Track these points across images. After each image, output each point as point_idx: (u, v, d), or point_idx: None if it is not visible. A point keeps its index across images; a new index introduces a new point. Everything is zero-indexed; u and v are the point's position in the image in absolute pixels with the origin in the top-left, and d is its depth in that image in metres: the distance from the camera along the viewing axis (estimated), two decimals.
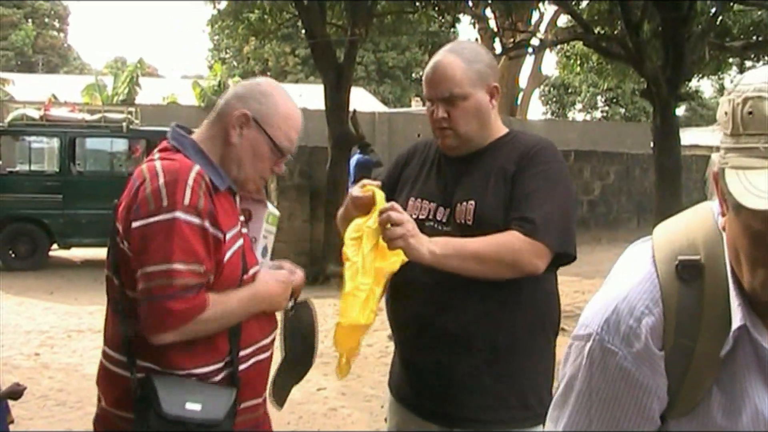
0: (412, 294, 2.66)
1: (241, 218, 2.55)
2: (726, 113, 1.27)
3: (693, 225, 1.42)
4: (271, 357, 2.62)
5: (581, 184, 17.80)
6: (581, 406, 1.43)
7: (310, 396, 7.03)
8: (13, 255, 14.31)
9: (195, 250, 2.26)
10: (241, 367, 2.45)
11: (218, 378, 2.41)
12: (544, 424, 2.60)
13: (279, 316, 2.69)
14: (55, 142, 15.00)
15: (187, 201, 2.26)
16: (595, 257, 11.65)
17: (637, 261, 1.43)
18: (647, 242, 1.46)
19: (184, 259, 2.24)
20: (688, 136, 25.09)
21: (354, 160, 15.11)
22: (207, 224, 2.29)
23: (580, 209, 17.53)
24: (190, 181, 2.29)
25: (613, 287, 1.43)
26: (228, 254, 2.38)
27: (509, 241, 2.49)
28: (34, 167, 15.71)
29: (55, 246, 14.71)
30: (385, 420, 3.01)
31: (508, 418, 2.62)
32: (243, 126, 2.46)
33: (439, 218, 2.69)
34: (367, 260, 2.54)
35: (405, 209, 2.68)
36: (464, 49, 2.71)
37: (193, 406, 2.30)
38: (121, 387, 2.40)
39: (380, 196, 2.68)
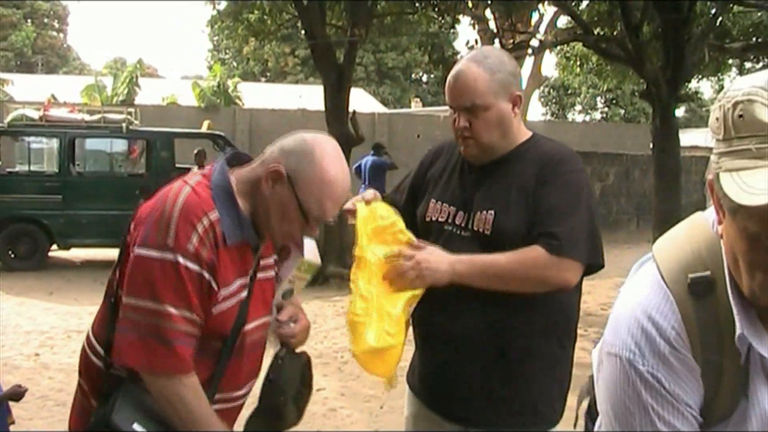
0: (436, 302, 2.66)
1: (250, 273, 2.43)
2: (717, 119, 1.30)
3: (694, 239, 1.45)
4: (241, 407, 2.54)
5: None
6: (647, 423, 1.44)
7: None
8: (12, 255, 14.30)
9: (189, 298, 2.20)
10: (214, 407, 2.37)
11: None
12: (554, 426, 2.67)
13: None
14: (54, 143, 15.00)
15: (191, 248, 2.19)
16: None
17: (648, 283, 1.45)
18: (651, 262, 1.48)
19: (175, 304, 2.18)
20: (688, 138, 25.12)
21: (368, 161, 15.12)
22: (205, 273, 2.22)
23: None
24: (200, 227, 2.21)
25: (634, 311, 1.45)
26: (219, 307, 2.30)
27: (535, 258, 2.52)
28: (33, 168, 15.73)
29: (54, 246, 14.70)
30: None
31: (517, 423, 2.65)
32: (276, 181, 2.32)
33: (458, 222, 2.72)
34: (366, 288, 2.61)
35: (426, 210, 2.78)
36: (487, 58, 2.69)
37: (139, 428, 2.24)
38: (97, 377, 2.38)
39: (383, 209, 2.74)
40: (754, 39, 16.84)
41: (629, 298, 1.47)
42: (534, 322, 2.64)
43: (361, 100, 31.20)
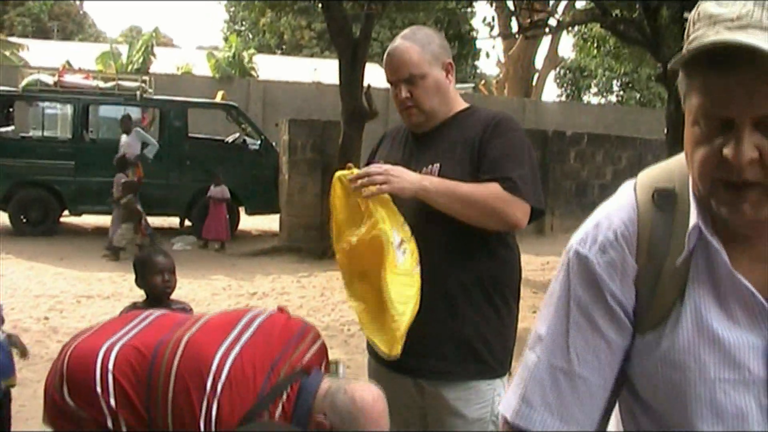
0: None
1: None
2: (685, 30, 1.39)
3: (672, 161, 1.52)
4: None
5: (593, 168, 17.72)
6: (560, 312, 1.50)
7: None
8: (24, 220, 14.36)
9: None
10: None
11: None
12: (502, 378, 2.85)
13: None
14: (68, 109, 15.04)
15: None
16: None
17: (621, 192, 1.54)
18: (633, 179, 1.56)
19: None
20: None
21: None
22: None
23: (592, 193, 17.49)
24: None
25: (597, 212, 1.53)
26: None
27: (495, 192, 2.72)
28: (47, 133, 15.77)
29: (66, 212, 14.76)
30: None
31: (464, 373, 2.85)
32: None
33: None
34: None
35: None
36: (416, 34, 2.98)
37: None
38: None
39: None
40: None
41: (604, 204, 1.55)
42: (476, 277, 2.83)
43: (377, 76, 31.01)
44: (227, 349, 2.56)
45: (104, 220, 14.13)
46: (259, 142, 15.17)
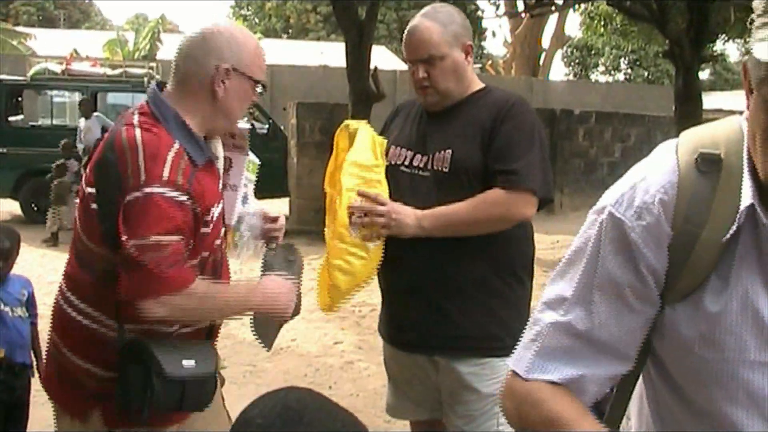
0: (391, 240, 2.89)
1: (221, 181, 2.61)
2: None
3: (718, 126, 1.46)
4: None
5: (602, 145, 17.69)
6: (587, 274, 1.45)
7: (327, 349, 7.13)
8: (35, 208, 14.40)
9: (176, 223, 2.28)
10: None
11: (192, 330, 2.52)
12: None
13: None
14: (76, 97, 15.07)
15: (166, 176, 2.27)
16: None
17: (661, 152, 1.47)
18: (674, 140, 1.49)
19: (167, 231, 2.26)
20: (712, 100, 24.89)
21: None
22: (185, 198, 2.30)
23: (601, 171, 17.47)
24: (169, 159, 2.29)
25: (634, 172, 1.47)
26: (210, 227, 2.44)
27: (494, 200, 2.76)
28: (56, 121, 15.82)
29: (77, 200, 14.78)
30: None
31: (480, 351, 2.89)
32: (225, 79, 2.43)
33: (416, 164, 2.94)
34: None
35: (387, 155, 3.01)
36: (438, 13, 2.94)
37: (189, 363, 2.36)
38: (96, 341, 2.43)
39: (366, 134, 3.03)
40: None
41: (640, 164, 1.49)
42: (488, 258, 2.87)
43: (383, 58, 31.01)
44: None
45: None
46: (267, 126, 15.18)
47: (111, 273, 2.32)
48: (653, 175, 1.42)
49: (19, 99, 15.97)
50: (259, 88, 2.54)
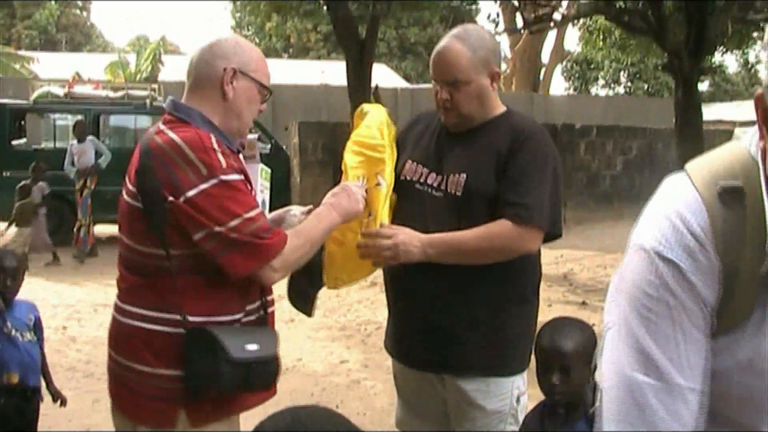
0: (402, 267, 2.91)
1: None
2: None
3: (728, 155, 1.44)
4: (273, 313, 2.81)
5: (604, 158, 17.75)
6: (665, 324, 1.42)
7: (334, 368, 7.12)
8: None
9: (248, 199, 2.52)
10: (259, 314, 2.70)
11: (252, 319, 2.65)
12: (522, 374, 2.92)
13: None
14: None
15: (224, 164, 2.46)
16: (618, 231, 11.65)
17: (676, 186, 1.46)
18: (681, 174, 1.47)
19: (248, 209, 2.48)
20: (713, 111, 24.90)
21: None
22: (243, 178, 2.54)
23: (603, 184, 17.50)
24: (217, 147, 2.48)
25: (662, 209, 1.45)
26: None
27: (500, 233, 2.77)
28: (59, 144, 15.83)
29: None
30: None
31: (489, 369, 2.90)
32: (233, 80, 2.62)
33: (430, 183, 2.94)
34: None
35: (402, 169, 3.02)
36: (470, 36, 2.91)
37: (252, 347, 2.50)
38: (164, 343, 2.53)
39: (376, 115, 3.12)
40: None
41: (659, 200, 1.47)
42: (500, 286, 2.88)
43: (384, 76, 31.11)
44: None
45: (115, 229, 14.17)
46: (269, 145, 15.22)
47: (161, 270, 2.51)
48: (685, 211, 1.41)
49: (22, 122, 16.03)
50: (265, 94, 2.73)
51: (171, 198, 2.44)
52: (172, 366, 2.51)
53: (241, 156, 2.70)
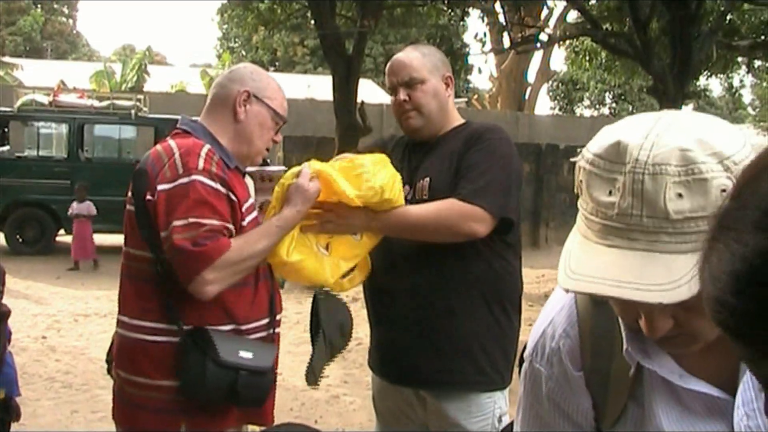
0: (378, 272, 2.96)
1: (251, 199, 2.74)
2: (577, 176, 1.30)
3: None
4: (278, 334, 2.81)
5: None
6: (525, 421, 1.51)
7: None
8: (20, 240, 14.42)
9: (213, 206, 2.44)
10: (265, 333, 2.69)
11: (258, 336, 2.65)
12: (503, 391, 2.91)
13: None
14: (63, 128, 15.11)
15: (201, 166, 2.46)
16: None
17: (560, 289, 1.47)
18: None
19: (203, 214, 2.41)
20: None
21: None
22: (220, 187, 2.48)
23: None
24: (203, 153, 2.49)
25: (544, 314, 1.49)
26: (247, 219, 2.59)
27: (447, 208, 2.77)
28: (42, 153, 15.80)
29: (62, 231, 14.77)
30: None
31: (465, 384, 2.90)
32: (246, 103, 2.68)
33: (406, 196, 2.93)
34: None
35: None
36: (418, 46, 3.10)
37: (246, 354, 2.49)
38: (167, 354, 2.53)
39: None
40: (762, 37, 16.83)
41: (548, 301, 1.52)
42: (471, 291, 2.88)
43: (370, 91, 31.12)
44: None
45: (100, 240, 14.15)
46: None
47: (155, 276, 2.52)
48: (557, 317, 1.45)
49: (6, 130, 15.97)
50: (278, 122, 2.78)
51: (149, 196, 2.48)
52: (171, 377, 2.51)
53: (249, 181, 2.73)
